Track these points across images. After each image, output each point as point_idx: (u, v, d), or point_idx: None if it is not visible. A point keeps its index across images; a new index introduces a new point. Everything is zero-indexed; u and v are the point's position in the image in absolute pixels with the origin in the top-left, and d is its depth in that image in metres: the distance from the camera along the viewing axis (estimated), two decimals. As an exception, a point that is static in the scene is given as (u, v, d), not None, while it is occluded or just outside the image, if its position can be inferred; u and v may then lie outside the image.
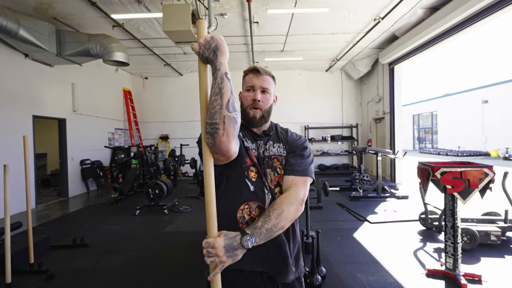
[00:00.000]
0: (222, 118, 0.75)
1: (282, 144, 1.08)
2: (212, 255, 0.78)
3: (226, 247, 0.79)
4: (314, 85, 9.52)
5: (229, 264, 0.81)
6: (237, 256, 0.81)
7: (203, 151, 0.82)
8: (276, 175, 1.00)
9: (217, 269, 0.79)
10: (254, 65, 1.09)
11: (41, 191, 6.97)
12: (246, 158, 0.99)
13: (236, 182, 0.97)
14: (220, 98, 0.76)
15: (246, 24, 5.56)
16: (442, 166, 2.31)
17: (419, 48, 6.11)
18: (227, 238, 0.80)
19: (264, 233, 0.85)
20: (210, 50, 0.77)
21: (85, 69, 6.87)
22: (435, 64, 28.36)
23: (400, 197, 5.52)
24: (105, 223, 4.35)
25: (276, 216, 0.87)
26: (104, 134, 7.90)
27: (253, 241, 0.82)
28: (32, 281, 2.59)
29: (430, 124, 19.43)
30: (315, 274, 2.35)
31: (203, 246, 0.79)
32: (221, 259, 0.78)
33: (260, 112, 1.04)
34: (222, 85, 0.76)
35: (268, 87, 1.05)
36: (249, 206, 0.95)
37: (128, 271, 2.77)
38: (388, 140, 7.59)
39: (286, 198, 0.93)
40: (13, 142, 4.89)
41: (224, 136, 0.76)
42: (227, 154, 0.81)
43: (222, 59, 0.77)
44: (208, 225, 0.82)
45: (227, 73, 0.78)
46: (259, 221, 0.86)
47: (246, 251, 0.82)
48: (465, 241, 3.00)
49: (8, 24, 4.05)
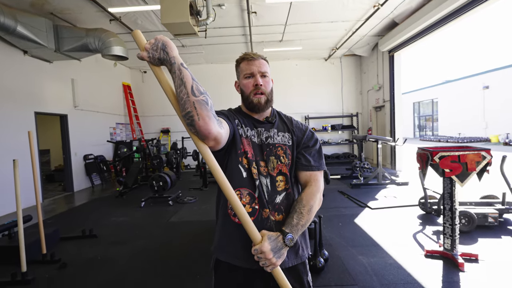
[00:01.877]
0: (192, 105, 0.76)
1: (287, 133, 1.08)
2: (262, 259, 0.84)
3: (273, 250, 0.85)
4: (314, 74, 9.48)
5: (280, 263, 0.87)
6: (283, 255, 0.88)
7: (196, 144, 0.82)
8: (279, 163, 1.03)
9: (268, 268, 0.85)
10: (246, 52, 1.08)
11: (47, 186, 7.07)
12: (241, 145, 1.01)
13: (232, 168, 1.01)
14: (184, 87, 0.76)
15: (244, 14, 5.51)
16: (441, 150, 2.36)
17: (419, 34, 6.07)
18: (271, 241, 0.86)
19: (300, 229, 0.93)
20: (159, 50, 0.76)
21: (84, 65, 6.86)
22: (436, 50, 28.02)
23: (401, 183, 5.60)
24: (111, 215, 4.45)
25: (307, 212, 0.95)
26: (105, 129, 7.95)
27: (293, 238, 0.90)
28: (46, 270, 2.70)
29: (430, 112, 19.38)
30: (318, 257, 2.44)
31: (253, 253, 0.85)
32: (271, 261, 0.84)
33: (265, 97, 1.04)
34: (181, 75, 0.76)
35: (266, 70, 1.06)
36: (240, 192, 0.98)
37: (137, 259, 2.87)
38: (389, 128, 7.62)
39: (311, 195, 0.99)
40: (17, 139, 4.95)
41: (200, 121, 0.76)
42: (210, 136, 0.80)
43: (173, 53, 0.77)
44: (248, 231, 0.85)
45: (182, 63, 0.78)
46: (293, 218, 0.93)
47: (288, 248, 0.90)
48: (463, 223, 3.09)
49: (5, 21, 4.04)
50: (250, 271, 0.96)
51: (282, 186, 1.03)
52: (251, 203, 0.98)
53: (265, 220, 0.97)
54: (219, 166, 0.83)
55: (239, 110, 1.13)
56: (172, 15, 3.87)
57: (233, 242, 0.99)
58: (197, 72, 9.29)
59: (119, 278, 2.51)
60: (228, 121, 0.99)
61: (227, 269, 1.01)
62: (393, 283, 2.20)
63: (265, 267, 0.85)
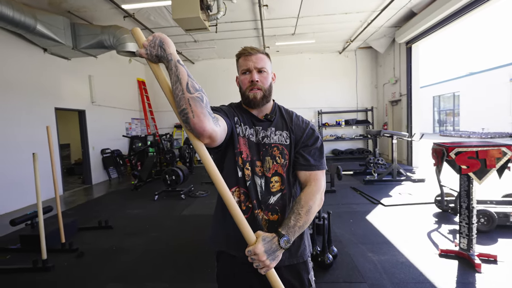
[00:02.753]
0: (187, 102, 0.75)
1: (285, 131, 1.05)
2: (256, 261, 0.82)
3: (267, 252, 0.83)
4: (327, 68, 9.27)
5: (274, 266, 0.85)
6: (278, 257, 0.86)
7: (191, 141, 0.82)
8: (275, 164, 1.00)
9: (262, 271, 0.84)
10: (244, 47, 1.04)
11: (67, 179, 7.41)
12: (238, 144, 1.00)
13: (229, 166, 1.00)
14: (180, 84, 0.75)
15: (256, 7, 5.45)
16: (457, 146, 2.25)
17: (439, 24, 5.77)
18: (265, 243, 0.84)
19: (297, 231, 0.90)
20: (156, 47, 0.76)
21: (100, 61, 7.06)
22: (458, 41, 26.53)
23: (417, 180, 5.42)
24: (127, 208, 4.61)
25: (305, 213, 0.92)
26: (121, 124, 8.19)
27: (289, 240, 0.87)
28: (65, 258, 2.84)
29: (451, 106, 18.51)
30: (326, 253, 2.42)
31: (247, 254, 0.83)
32: (265, 263, 0.82)
33: (261, 92, 1.01)
34: (177, 72, 0.76)
35: (263, 65, 1.02)
36: (239, 189, 0.99)
37: (151, 250, 2.96)
38: (405, 123, 7.37)
39: (310, 195, 0.96)
40: (39, 134, 5.18)
41: (195, 118, 0.76)
42: (204, 134, 0.78)
43: (170, 50, 0.77)
44: (243, 231, 0.84)
45: (178, 60, 0.78)
46: (291, 219, 0.90)
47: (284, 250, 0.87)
48: (482, 223, 2.95)
49: (26, 20, 4.22)
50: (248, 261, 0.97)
51: (277, 187, 1.01)
52: (245, 202, 0.98)
53: (258, 219, 0.97)
54: (214, 164, 0.82)
55: (240, 105, 1.11)
56: (182, 10, 3.89)
57: (232, 234, 0.98)
58: (209, 67, 9.35)
59: (133, 268, 2.60)
60: (227, 118, 0.97)
61: (228, 258, 1.03)
62: (404, 282, 2.15)
63: (259, 269, 0.84)
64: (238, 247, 0.94)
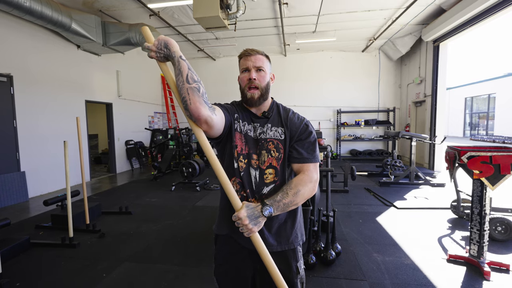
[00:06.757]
0: (186, 91, 0.87)
1: (281, 127, 1.12)
2: (240, 225, 0.92)
3: (249, 217, 0.92)
4: (349, 66, 9.08)
5: (257, 230, 0.93)
6: (260, 223, 0.94)
7: (191, 127, 0.94)
8: (270, 157, 1.08)
9: (245, 233, 0.94)
10: (245, 48, 1.14)
11: (94, 167, 7.97)
12: (234, 138, 1.09)
13: (228, 158, 1.10)
14: (181, 76, 0.87)
15: (276, 5, 5.48)
16: (470, 150, 2.19)
17: (471, 21, 5.44)
18: (248, 209, 0.94)
19: (281, 207, 0.98)
20: (163, 48, 0.88)
21: (127, 57, 7.46)
22: (494, 39, 24.48)
23: (436, 184, 5.22)
24: (146, 196, 4.90)
25: (292, 194, 0.99)
26: (144, 117, 8.61)
27: (272, 211, 0.96)
28: (88, 237, 3.13)
29: (486, 108, 17.27)
30: (329, 249, 2.46)
31: (233, 219, 0.93)
32: (247, 227, 0.91)
33: (258, 92, 1.09)
34: (179, 66, 0.88)
35: (261, 65, 1.10)
36: (235, 179, 1.08)
37: (165, 235, 3.17)
38: (428, 125, 7.07)
39: (301, 181, 1.03)
40: (71, 124, 5.64)
41: (192, 105, 0.87)
42: (200, 118, 0.90)
43: (174, 49, 0.88)
44: (230, 199, 0.95)
45: (181, 55, 0.89)
46: (278, 195, 0.99)
47: (266, 219, 0.97)
48: (499, 231, 2.83)
49: (62, 18, 4.60)
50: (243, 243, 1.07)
51: (270, 178, 1.09)
52: (240, 191, 1.08)
53: None
54: (210, 146, 0.94)
55: (240, 103, 1.20)
56: (203, 9, 4.04)
57: (227, 216, 1.09)
58: (230, 64, 9.51)
59: (147, 250, 2.81)
60: (226, 112, 1.08)
61: (223, 240, 1.14)
62: (405, 283, 2.14)
63: (243, 232, 0.93)
64: (232, 227, 1.04)
